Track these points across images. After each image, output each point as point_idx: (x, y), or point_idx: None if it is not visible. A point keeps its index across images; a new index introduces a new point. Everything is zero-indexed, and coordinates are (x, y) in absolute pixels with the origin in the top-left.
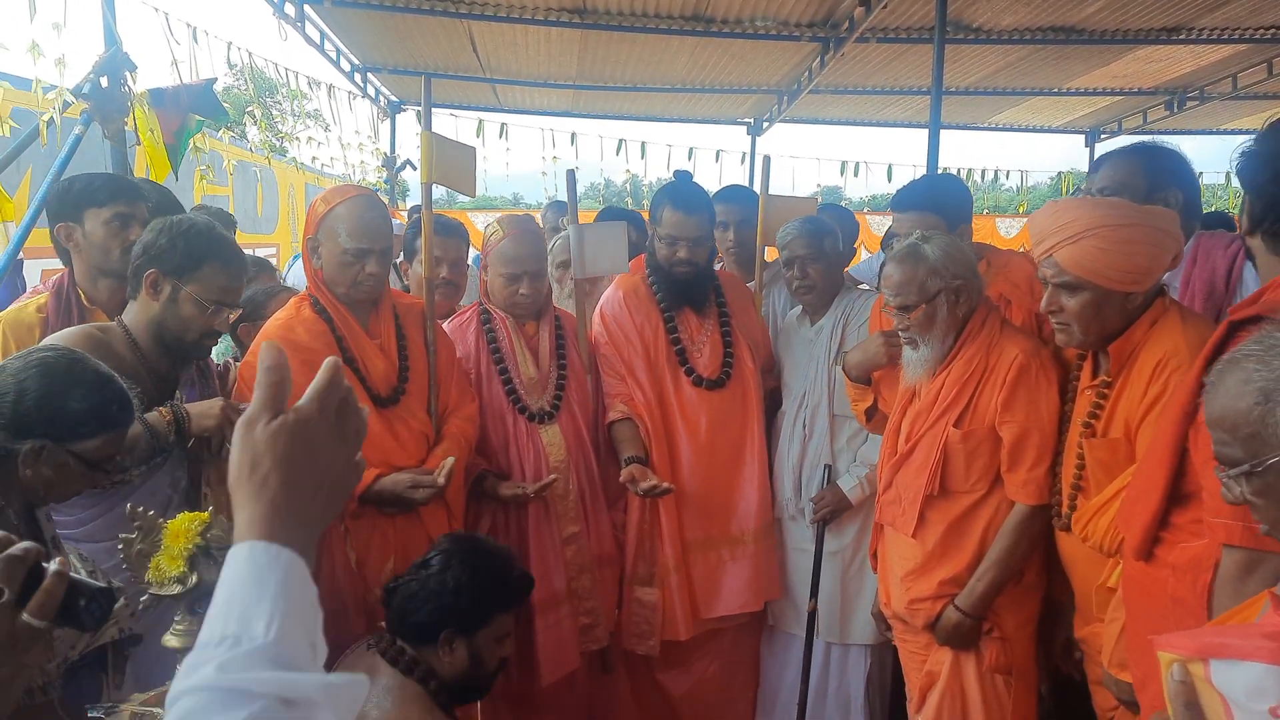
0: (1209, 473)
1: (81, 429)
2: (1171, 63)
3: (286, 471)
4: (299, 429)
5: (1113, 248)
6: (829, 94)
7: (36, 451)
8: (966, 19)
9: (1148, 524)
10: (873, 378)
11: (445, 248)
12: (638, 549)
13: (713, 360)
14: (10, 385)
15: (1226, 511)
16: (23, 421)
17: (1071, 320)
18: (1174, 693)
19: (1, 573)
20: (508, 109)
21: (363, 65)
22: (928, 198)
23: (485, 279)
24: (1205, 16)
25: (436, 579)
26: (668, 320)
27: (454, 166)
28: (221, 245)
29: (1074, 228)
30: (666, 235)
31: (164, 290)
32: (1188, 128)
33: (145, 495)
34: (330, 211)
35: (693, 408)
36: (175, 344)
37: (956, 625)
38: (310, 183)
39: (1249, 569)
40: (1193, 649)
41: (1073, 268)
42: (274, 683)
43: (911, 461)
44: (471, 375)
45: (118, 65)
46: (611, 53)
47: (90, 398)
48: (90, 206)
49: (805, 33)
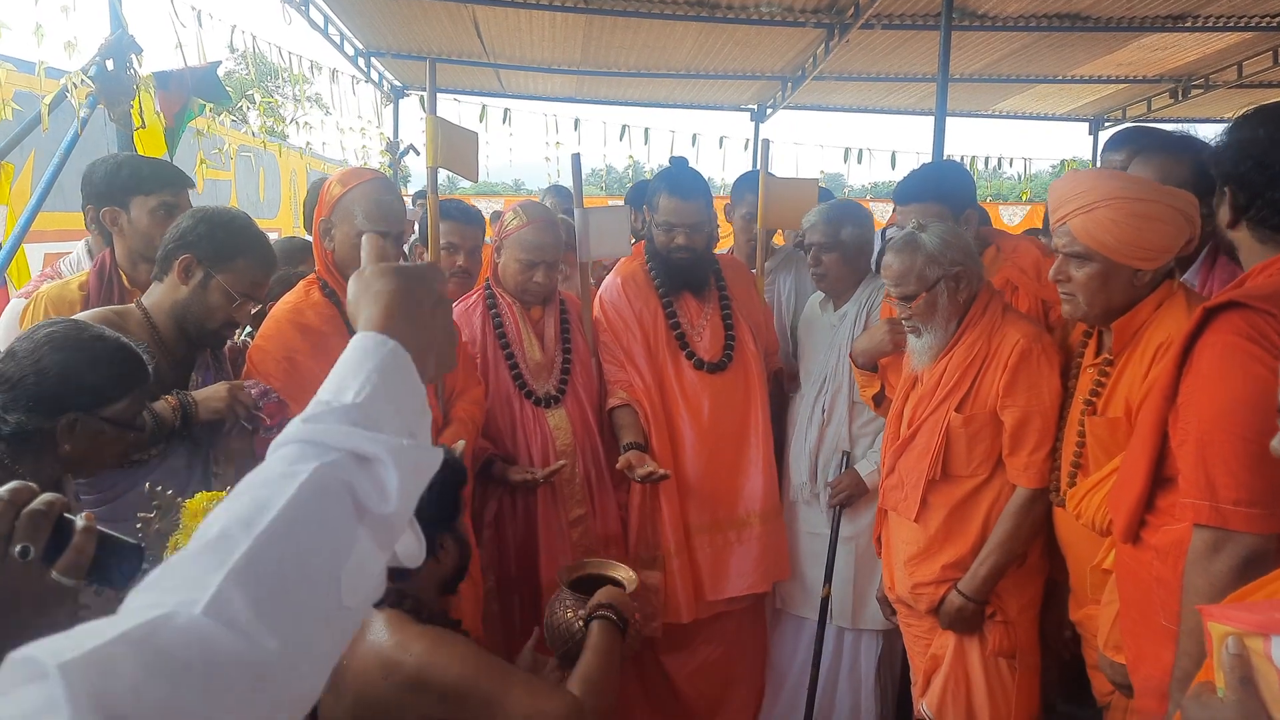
0: (1183, 454)
1: (107, 394)
2: (1176, 51)
3: (401, 291)
4: (412, 271)
5: (1125, 220)
6: (834, 80)
7: (71, 425)
8: (972, 5)
9: (1133, 507)
10: (879, 364)
11: (464, 235)
12: (639, 532)
13: (714, 344)
14: (27, 367)
15: (1194, 492)
16: (51, 399)
17: (1077, 291)
18: (1229, 666)
19: (25, 529)
20: (511, 94)
21: (366, 50)
22: (930, 187)
23: (498, 262)
24: (1210, 4)
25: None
26: (666, 305)
27: (457, 151)
28: (256, 240)
29: (1089, 196)
30: (663, 222)
31: (195, 276)
32: (1192, 116)
33: (164, 475)
34: (347, 194)
35: (694, 391)
36: (196, 331)
37: (959, 609)
38: (312, 168)
39: (1216, 548)
40: (1254, 624)
41: (1083, 237)
42: (347, 437)
43: (914, 446)
44: (478, 360)
45: (124, 48)
46: (616, 38)
47: (107, 363)
48: (137, 194)
49: (810, 19)
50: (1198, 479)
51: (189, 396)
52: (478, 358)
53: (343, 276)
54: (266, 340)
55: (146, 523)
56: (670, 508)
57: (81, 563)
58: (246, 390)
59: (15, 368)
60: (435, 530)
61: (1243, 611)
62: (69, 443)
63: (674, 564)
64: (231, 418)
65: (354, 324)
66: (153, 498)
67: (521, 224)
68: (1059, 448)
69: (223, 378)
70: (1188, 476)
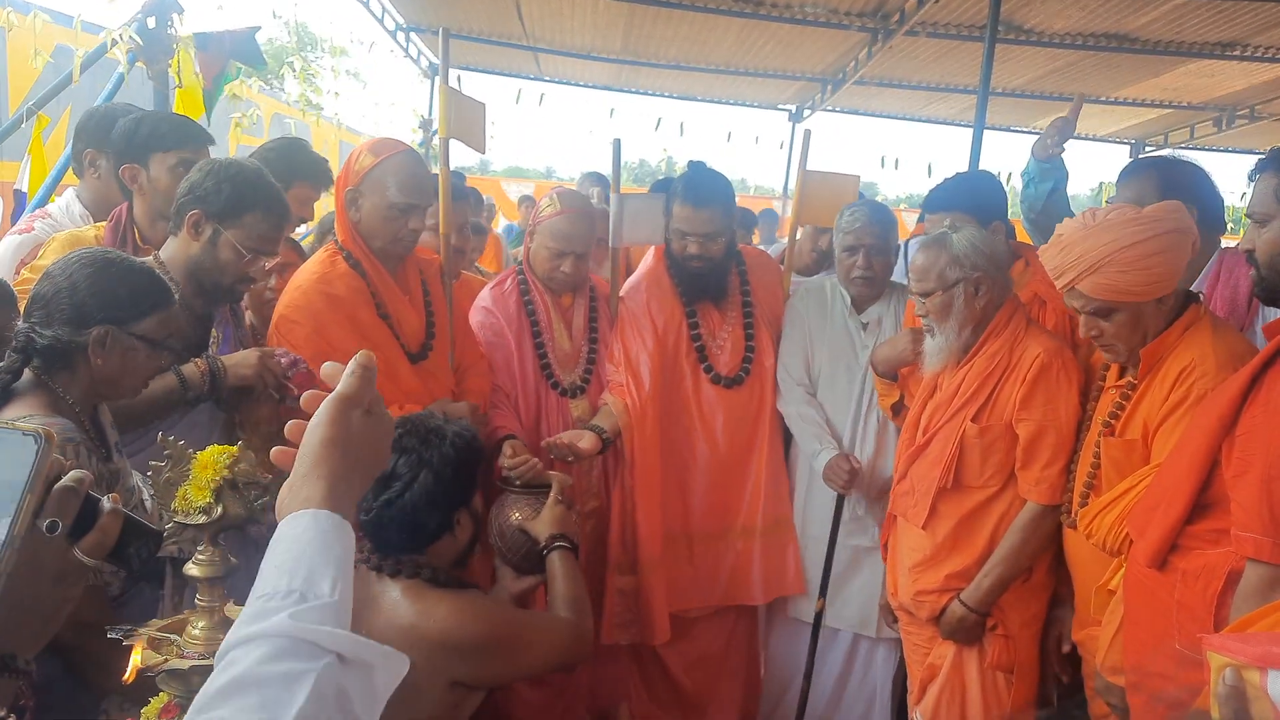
0: (1240, 485)
1: (136, 308)
2: (1223, 79)
3: (348, 455)
4: (362, 422)
5: (1131, 267)
6: (874, 86)
7: (102, 338)
8: (1019, 19)
9: (1167, 532)
10: (899, 374)
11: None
12: (620, 537)
13: (733, 357)
14: (61, 284)
15: (1255, 526)
16: (82, 311)
17: (1114, 340)
18: (1225, 697)
19: (55, 504)
20: (549, 79)
21: (406, 25)
22: (959, 196)
23: (529, 246)
24: (1261, 34)
25: (431, 475)
26: (690, 315)
27: (466, 122)
28: (266, 193)
29: (1088, 260)
30: (677, 229)
31: (205, 232)
32: (1236, 146)
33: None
34: (379, 165)
35: (710, 407)
36: (211, 286)
37: (961, 619)
38: (345, 140)
39: (1274, 585)
40: (1252, 656)
41: (1099, 294)
42: (342, 640)
43: (928, 453)
44: (510, 345)
45: (165, 7)
46: (658, 29)
47: (134, 280)
48: (157, 150)
49: (855, 22)
50: (1260, 513)
51: (218, 361)
52: (510, 343)
53: (368, 247)
54: (294, 310)
55: (157, 471)
56: (649, 521)
57: (105, 543)
58: (276, 359)
59: (50, 285)
60: (454, 507)
61: (1242, 643)
62: (101, 357)
63: (663, 572)
64: (260, 385)
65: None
66: (164, 447)
67: (555, 212)
68: (1074, 468)
69: (241, 334)
70: (1247, 509)
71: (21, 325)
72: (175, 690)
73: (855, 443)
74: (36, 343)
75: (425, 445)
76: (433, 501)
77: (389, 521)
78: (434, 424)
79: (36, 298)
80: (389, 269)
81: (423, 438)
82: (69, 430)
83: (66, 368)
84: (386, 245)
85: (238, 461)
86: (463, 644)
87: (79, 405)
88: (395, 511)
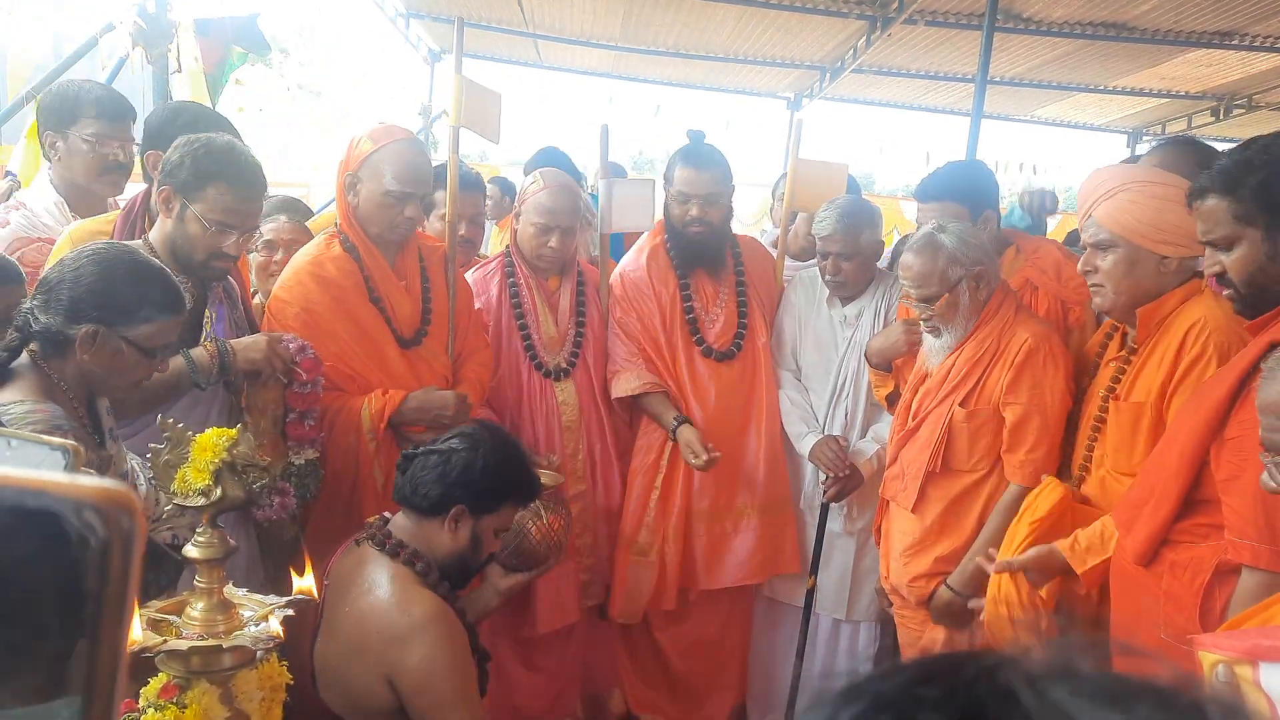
0: (1232, 491)
1: (134, 314)
2: (1221, 68)
3: None
4: None
5: (1143, 200)
6: (872, 74)
7: (91, 336)
8: (1017, 8)
9: (1155, 531)
10: (893, 365)
11: (464, 203)
12: (640, 517)
13: (725, 331)
14: (67, 273)
15: (1251, 533)
16: (77, 305)
17: (1104, 280)
18: None
19: None
20: (547, 66)
21: (405, 11)
22: (951, 185)
23: (515, 227)
24: (1259, 24)
25: (464, 456)
26: (683, 286)
27: (481, 112)
28: (232, 165)
29: (1109, 184)
30: (678, 193)
31: (174, 208)
32: (1233, 135)
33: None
34: (377, 151)
35: (703, 380)
36: (186, 263)
37: (948, 603)
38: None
39: (1271, 592)
40: (1241, 651)
41: (1106, 222)
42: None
43: (917, 438)
44: (491, 328)
45: None
46: (656, 15)
47: (141, 284)
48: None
49: (854, 9)
50: (1255, 520)
51: (228, 345)
52: (490, 326)
53: (365, 232)
54: (286, 292)
55: (156, 453)
56: (685, 494)
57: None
58: (285, 344)
59: (58, 272)
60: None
61: (1231, 639)
62: (87, 354)
63: (669, 549)
64: (268, 369)
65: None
66: (164, 429)
67: (539, 188)
68: (1075, 439)
69: (236, 315)
70: (1242, 515)
71: (25, 305)
72: (174, 670)
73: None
74: (32, 327)
75: (486, 440)
76: (448, 475)
77: (424, 464)
78: (514, 439)
79: (44, 281)
80: (387, 255)
81: (496, 434)
82: (57, 417)
83: (59, 355)
84: (383, 232)
85: (236, 444)
86: (413, 656)
87: (72, 391)
88: (431, 460)
